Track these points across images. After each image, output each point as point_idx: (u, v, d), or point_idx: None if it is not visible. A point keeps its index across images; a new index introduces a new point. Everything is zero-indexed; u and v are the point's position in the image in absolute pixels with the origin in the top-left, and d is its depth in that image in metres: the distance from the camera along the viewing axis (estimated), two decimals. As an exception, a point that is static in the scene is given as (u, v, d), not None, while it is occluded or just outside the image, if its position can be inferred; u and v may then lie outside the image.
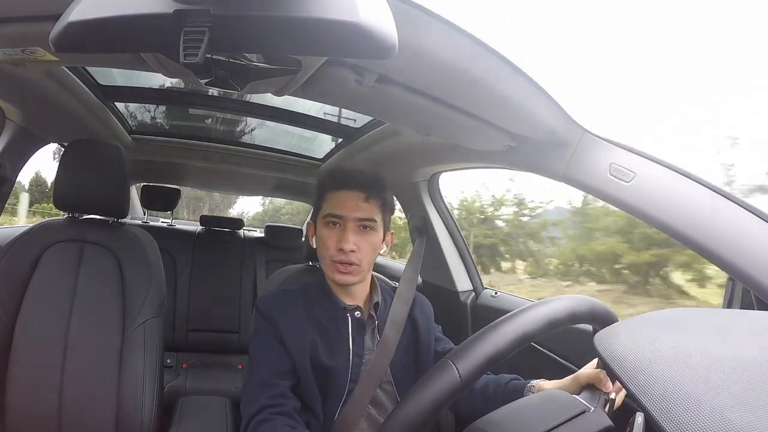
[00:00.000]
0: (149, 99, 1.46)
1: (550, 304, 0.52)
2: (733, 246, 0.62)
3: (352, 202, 0.79)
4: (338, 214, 0.78)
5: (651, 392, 0.30)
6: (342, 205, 0.79)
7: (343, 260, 0.77)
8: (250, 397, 0.74)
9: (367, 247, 0.79)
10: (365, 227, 0.79)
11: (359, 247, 0.78)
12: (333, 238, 0.78)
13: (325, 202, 0.81)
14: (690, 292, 3.77)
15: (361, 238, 0.79)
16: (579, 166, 0.79)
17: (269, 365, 0.76)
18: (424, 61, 0.59)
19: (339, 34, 0.36)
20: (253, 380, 0.76)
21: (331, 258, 0.79)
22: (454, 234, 1.49)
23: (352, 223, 0.78)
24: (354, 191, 0.79)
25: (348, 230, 0.78)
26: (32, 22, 0.55)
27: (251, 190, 2.82)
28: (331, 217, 0.79)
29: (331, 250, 0.78)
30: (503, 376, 0.82)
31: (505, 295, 1.39)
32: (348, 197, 0.79)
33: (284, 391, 0.75)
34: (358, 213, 0.78)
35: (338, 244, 0.77)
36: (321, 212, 0.82)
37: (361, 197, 0.79)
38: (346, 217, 0.78)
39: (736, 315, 0.48)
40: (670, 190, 0.69)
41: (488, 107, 0.75)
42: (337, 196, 0.80)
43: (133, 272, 1.00)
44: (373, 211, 0.80)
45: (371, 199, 0.80)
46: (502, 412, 0.49)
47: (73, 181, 1.01)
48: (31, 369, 0.91)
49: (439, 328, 0.93)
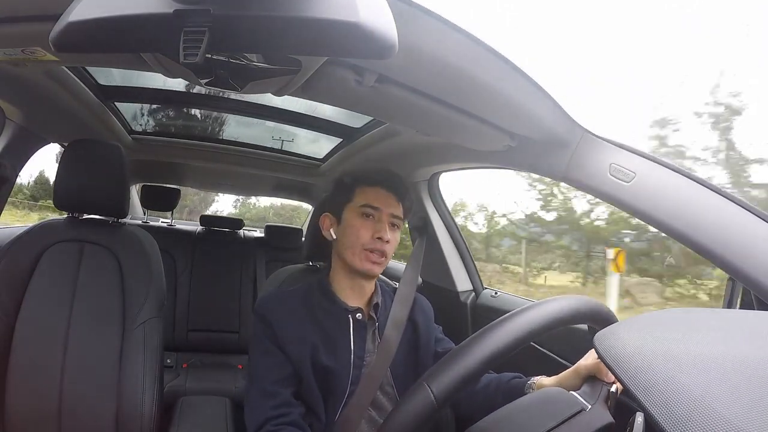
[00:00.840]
0: (149, 99, 1.46)
1: (524, 314, 0.52)
2: (733, 246, 0.62)
3: (386, 198, 0.83)
4: (376, 206, 0.82)
5: (651, 392, 0.30)
6: (379, 199, 0.82)
7: (378, 248, 0.80)
8: (253, 407, 0.74)
9: (394, 243, 0.84)
10: (394, 225, 0.84)
11: (390, 241, 0.81)
12: (369, 227, 0.81)
13: (359, 195, 0.84)
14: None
15: (391, 233, 0.82)
16: (579, 166, 0.79)
17: (270, 373, 0.76)
18: (424, 61, 0.59)
19: (339, 34, 0.36)
20: (255, 389, 0.76)
21: (363, 246, 0.80)
22: (454, 234, 1.49)
23: (387, 217, 0.82)
24: (389, 191, 0.84)
25: (384, 222, 0.82)
26: (32, 22, 0.55)
27: (251, 190, 2.82)
28: (368, 208, 0.82)
29: (366, 238, 0.80)
30: (505, 375, 0.82)
31: (505, 295, 1.39)
32: (383, 193, 0.83)
33: (287, 399, 0.75)
34: (392, 209, 0.83)
35: (377, 233, 0.80)
36: (352, 203, 0.84)
37: (394, 197, 0.84)
38: (382, 210, 0.82)
39: (736, 315, 0.48)
40: (670, 190, 0.69)
41: (488, 107, 0.75)
42: (373, 191, 0.83)
43: (133, 272, 1.00)
44: (400, 212, 0.85)
45: (401, 201, 0.85)
46: (499, 415, 0.49)
47: (73, 181, 1.01)
48: (31, 369, 0.91)
49: (439, 329, 0.93)
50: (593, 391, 0.57)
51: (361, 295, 0.85)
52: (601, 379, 0.60)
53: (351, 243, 0.82)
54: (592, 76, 11.12)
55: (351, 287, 0.84)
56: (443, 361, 0.50)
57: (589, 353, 0.68)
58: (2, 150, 1.12)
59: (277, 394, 0.74)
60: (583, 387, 0.59)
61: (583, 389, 0.58)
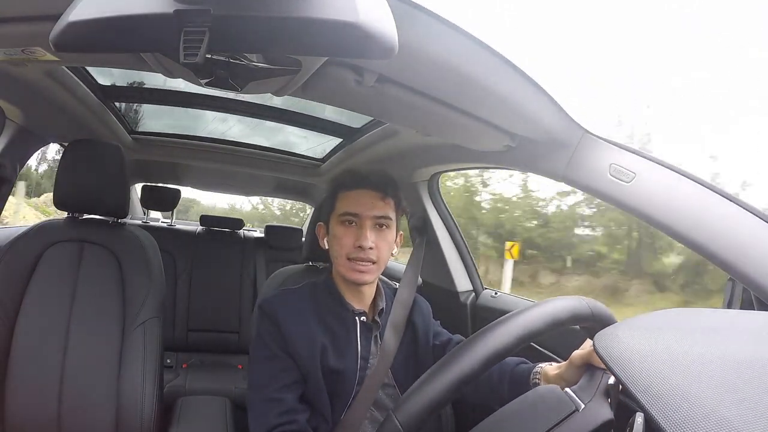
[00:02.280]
0: (149, 99, 1.46)
1: (490, 334, 0.51)
2: (733, 246, 0.62)
3: (368, 200, 0.79)
4: (355, 212, 0.78)
5: (651, 392, 0.30)
6: (358, 203, 0.79)
7: (361, 258, 0.77)
8: (258, 414, 0.73)
9: (384, 245, 0.79)
10: (381, 225, 0.80)
11: (376, 245, 0.78)
12: (350, 236, 0.78)
13: (340, 201, 0.81)
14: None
15: (377, 236, 0.79)
16: (579, 166, 0.79)
17: (274, 380, 0.75)
18: (424, 61, 0.59)
19: (339, 34, 0.36)
20: (258, 397, 0.74)
21: (347, 256, 0.78)
22: (454, 234, 1.49)
23: (369, 221, 0.78)
24: (370, 190, 0.80)
25: (365, 228, 0.77)
26: (32, 22, 0.55)
27: (251, 190, 2.82)
28: (348, 216, 0.79)
29: (348, 247, 0.77)
30: (508, 361, 0.78)
31: (505, 295, 1.38)
32: (364, 195, 0.79)
33: (293, 405, 0.74)
34: (375, 211, 0.79)
35: (356, 241, 0.77)
36: (335, 212, 0.81)
37: (377, 196, 0.79)
38: (362, 215, 0.78)
39: (735, 315, 0.48)
40: (670, 191, 0.69)
41: (488, 107, 0.75)
42: (352, 195, 0.80)
43: (133, 272, 1.00)
44: (388, 209, 0.80)
45: (387, 198, 0.80)
46: (491, 420, 0.49)
47: (73, 181, 1.01)
48: (31, 369, 0.91)
49: (437, 323, 0.93)
50: (590, 386, 0.55)
51: (361, 298, 0.83)
52: (596, 368, 0.57)
53: (336, 254, 0.80)
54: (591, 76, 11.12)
55: (351, 292, 0.83)
56: (410, 390, 0.51)
57: (585, 343, 0.65)
58: (2, 150, 1.12)
59: (282, 401, 0.73)
60: (581, 381, 0.57)
61: (579, 384, 0.56)
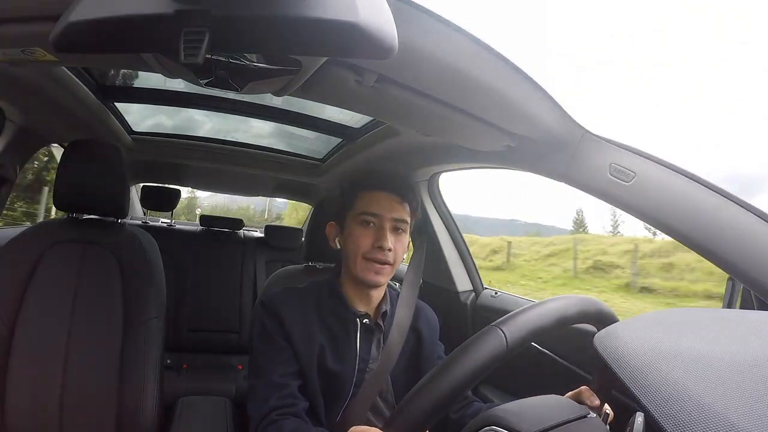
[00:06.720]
0: (149, 99, 1.46)
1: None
2: (733, 246, 0.62)
3: (388, 202, 0.79)
4: (375, 213, 0.78)
5: (651, 392, 0.30)
6: (378, 205, 0.79)
7: (379, 258, 0.77)
8: (260, 397, 0.73)
9: (400, 249, 0.80)
10: (398, 229, 0.80)
11: (393, 247, 0.78)
12: (368, 236, 0.78)
13: (359, 201, 0.80)
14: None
15: (395, 239, 0.79)
16: (579, 166, 0.79)
17: (278, 366, 0.75)
18: (424, 61, 0.59)
19: (339, 34, 0.36)
20: (261, 382, 0.75)
21: (364, 256, 0.78)
22: (454, 234, 1.49)
23: (388, 223, 0.78)
24: (390, 193, 0.80)
25: (385, 229, 0.78)
26: (32, 22, 0.55)
27: (251, 190, 2.82)
28: (367, 215, 0.79)
29: (365, 247, 0.77)
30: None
31: (505, 295, 1.38)
32: (384, 197, 0.79)
33: (294, 392, 0.74)
34: (394, 213, 0.79)
35: (376, 242, 0.77)
36: (352, 211, 0.81)
37: (396, 199, 0.80)
38: (383, 216, 0.78)
39: (736, 315, 0.48)
40: (670, 190, 0.69)
41: (488, 107, 0.75)
42: (372, 196, 0.80)
43: (133, 272, 1.00)
44: (405, 214, 0.80)
45: (404, 202, 0.80)
46: (517, 403, 0.50)
47: (73, 181, 1.01)
48: (32, 369, 0.91)
49: (442, 348, 0.91)
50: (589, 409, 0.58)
51: (368, 301, 0.83)
52: (585, 403, 0.59)
53: (353, 252, 0.79)
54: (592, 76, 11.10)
55: (358, 294, 0.82)
56: (516, 312, 0.53)
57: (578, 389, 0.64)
58: (2, 150, 1.12)
59: (284, 386, 0.73)
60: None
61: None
